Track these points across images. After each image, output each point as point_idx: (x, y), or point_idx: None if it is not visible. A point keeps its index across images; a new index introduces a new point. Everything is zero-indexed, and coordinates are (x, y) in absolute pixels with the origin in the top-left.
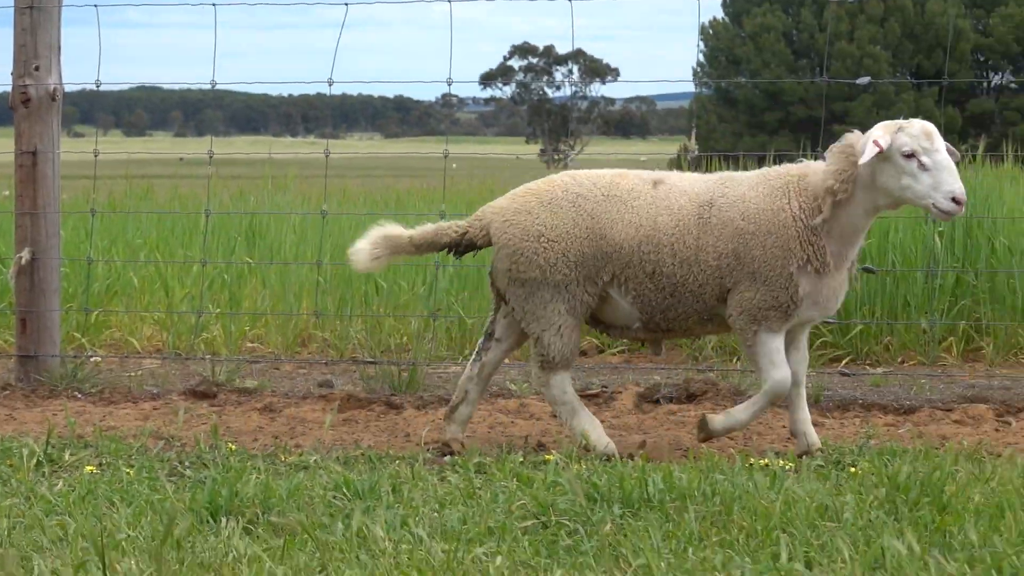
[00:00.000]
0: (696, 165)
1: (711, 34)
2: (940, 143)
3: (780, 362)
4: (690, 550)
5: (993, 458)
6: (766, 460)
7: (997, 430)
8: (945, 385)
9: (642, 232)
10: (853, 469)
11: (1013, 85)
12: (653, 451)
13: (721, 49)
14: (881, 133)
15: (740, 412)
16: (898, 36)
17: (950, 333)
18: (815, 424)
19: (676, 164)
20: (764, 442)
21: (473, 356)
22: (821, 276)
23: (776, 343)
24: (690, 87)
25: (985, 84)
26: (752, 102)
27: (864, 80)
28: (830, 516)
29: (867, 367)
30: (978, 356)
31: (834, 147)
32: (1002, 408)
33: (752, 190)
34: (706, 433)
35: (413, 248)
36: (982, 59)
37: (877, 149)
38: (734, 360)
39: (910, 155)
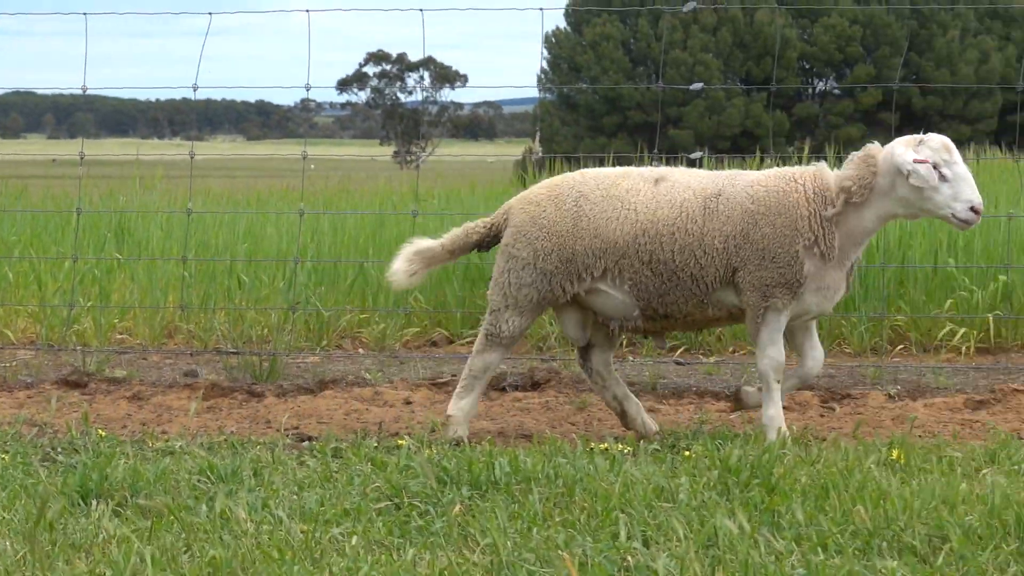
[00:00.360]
0: (540, 166)
1: (554, 43)
2: (958, 155)
3: (777, 340)
4: (535, 530)
5: (818, 442)
6: (606, 444)
7: (822, 415)
8: None
9: (639, 226)
10: (687, 453)
11: (836, 91)
12: None
13: (563, 57)
14: (907, 152)
15: (767, 410)
16: (729, 45)
17: None
18: (650, 411)
19: (522, 165)
20: (604, 427)
21: (587, 376)
22: (825, 261)
23: (779, 322)
24: (534, 92)
25: (810, 90)
26: (592, 107)
27: (697, 86)
28: (666, 497)
29: (701, 357)
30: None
31: (855, 155)
32: (826, 395)
33: (764, 178)
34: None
35: (447, 255)
36: (807, 67)
37: (930, 169)
38: (575, 350)
39: (932, 168)
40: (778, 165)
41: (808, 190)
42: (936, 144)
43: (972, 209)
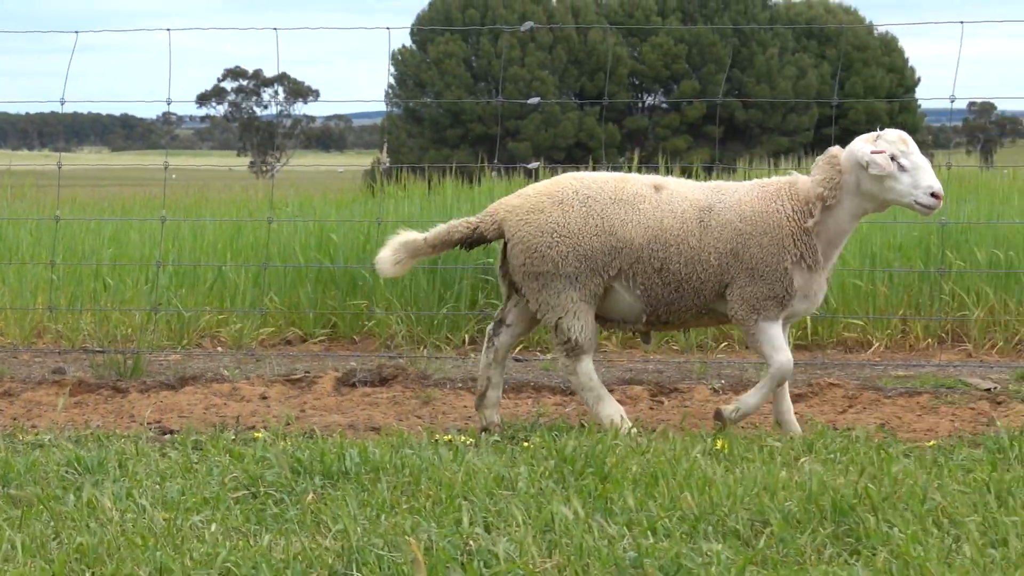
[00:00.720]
0: (388, 176)
1: (400, 60)
2: (914, 146)
3: (781, 346)
4: (383, 516)
5: (648, 433)
6: (449, 436)
7: (651, 408)
8: (606, 369)
9: (651, 232)
10: (526, 443)
11: (664, 105)
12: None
13: (409, 73)
14: (865, 146)
15: (749, 398)
16: (564, 62)
17: None
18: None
19: (370, 175)
20: (448, 420)
21: (486, 344)
22: (812, 272)
23: (775, 329)
24: (382, 107)
25: (640, 104)
26: (437, 120)
27: (534, 100)
28: (506, 485)
29: (538, 354)
30: (635, 343)
31: (820, 160)
32: (655, 389)
33: (748, 195)
34: (722, 423)
35: (429, 248)
36: (637, 82)
37: (889, 160)
38: (421, 348)
39: (890, 159)
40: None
41: (788, 209)
42: (893, 137)
43: (933, 195)
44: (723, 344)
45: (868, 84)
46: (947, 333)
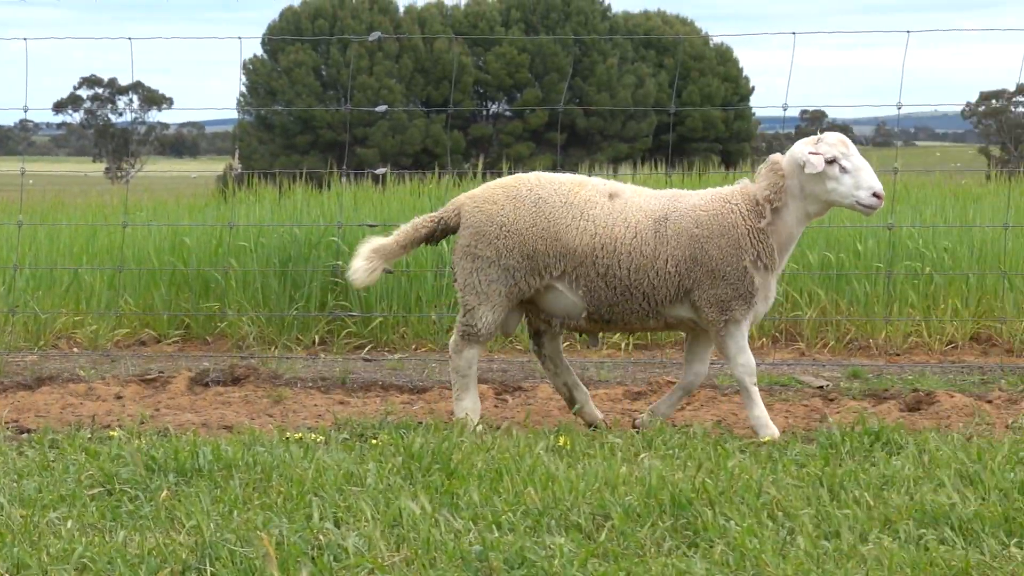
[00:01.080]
0: (240, 181)
1: (251, 69)
2: (854, 148)
3: (745, 347)
4: (235, 512)
5: (493, 430)
6: (300, 434)
7: (496, 406)
8: None
9: (597, 240)
10: (375, 441)
11: (507, 113)
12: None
13: (260, 82)
14: (809, 148)
15: (752, 411)
16: (411, 70)
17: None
18: (340, 403)
19: (223, 180)
20: (299, 419)
21: (540, 361)
22: (768, 272)
23: (742, 331)
24: (234, 114)
25: (484, 112)
26: (287, 127)
27: (382, 108)
28: (355, 481)
29: (387, 353)
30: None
31: (762, 168)
32: (500, 387)
33: (701, 201)
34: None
35: (400, 249)
36: (482, 91)
37: (823, 160)
38: (272, 349)
39: (831, 161)
40: (456, 180)
41: (742, 210)
42: (833, 140)
43: (874, 195)
44: (565, 344)
45: (704, 92)
46: (781, 333)
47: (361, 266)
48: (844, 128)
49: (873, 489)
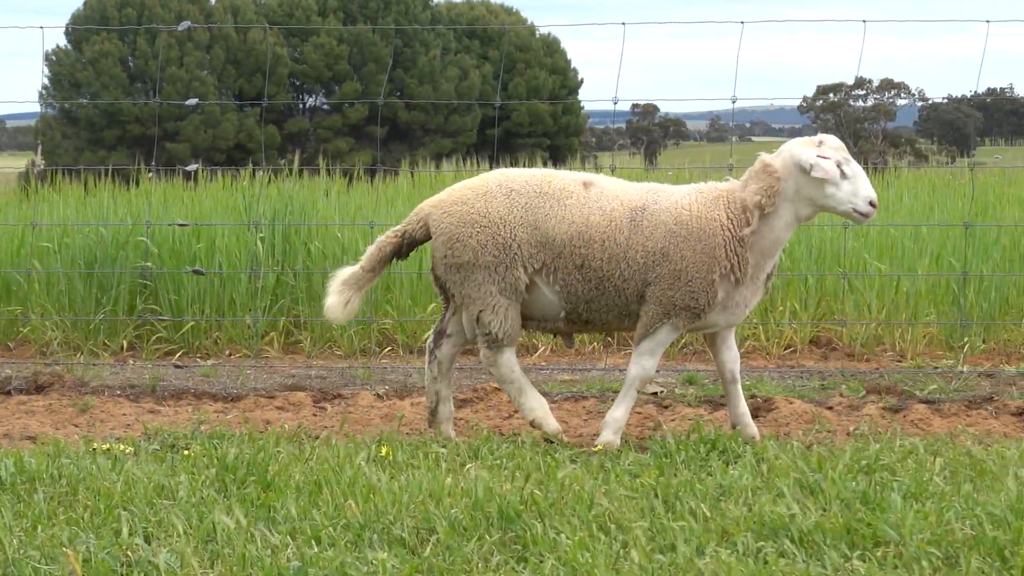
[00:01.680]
0: (43, 178)
1: (54, 60)
2: (850, 154)
3: (658, 354)
4: (40, 528)
5: (311, 440)
6: (108, 445)
7: (315, 415)
8: (268, 375)
9: (574, 228)
10: (187, 452)
11: (325, 107)
12: None
13: (64, 74)
14: (808, 150)
15: (615, 410)
16: (223, 62)
17: (272, 328)
18: (151, 412)
19: (24, 177)
20: (106, 429)
21: (428, 358)
22: (737, 285)
23: (669, 338)
24: (36, 108)
25: (301, 105)
26: (93, 121)
27: (192, 102)
28: (167, 495)
29: (198, 359)
30: (297, 349)
31: (752, 169)
32: (319, 395)
33: (685, 198)
34: (605, 445)
35: (370, 274)
36: (298, 83)
37: (834, 165)
38: (78, 355)
39: (836, 165)
40: (271, 176)
41: (723, 218)
42: (836, 144)
43: (871, 203)
44: (387, 349)
45: (531, 85)
46: (613, 337)
47: (335, 302)
48: (677, 122)
49: (710, 500)
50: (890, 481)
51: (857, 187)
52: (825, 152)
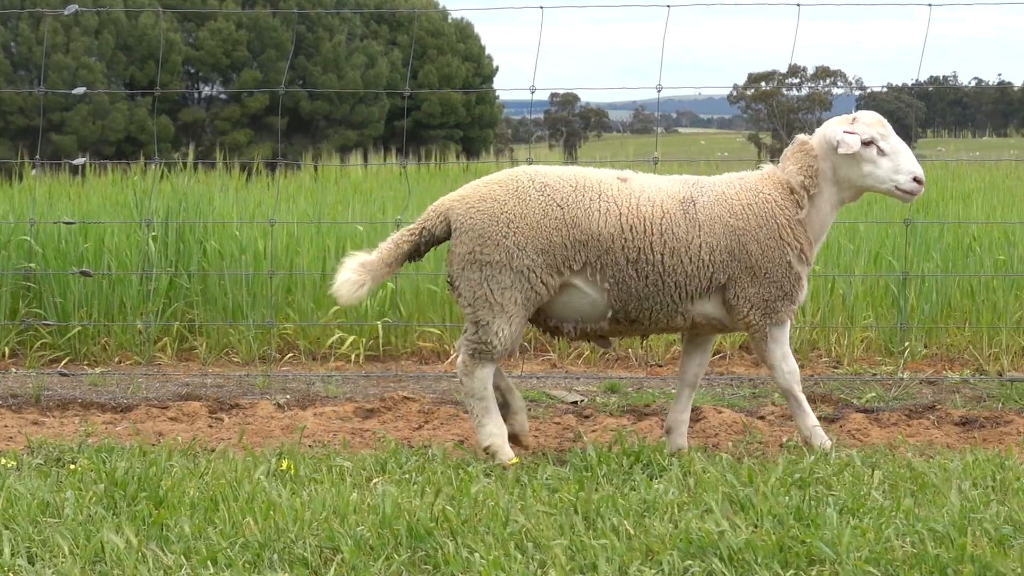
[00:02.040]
0: None
1: None
2: (891, 129)
3: (789, 353)
4: None
5: (207, 453)
6: None
7: (210, 426)
8: (161, 384)
9: (624, 220)
10: (73, 466)
11: (223, 96)
12: None
13: None
14: (838, 127)
15: (804, 421)
16: (112, 48)
17: (165, 333)
18: (34, 424)
19: None
20: None
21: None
22: (805, 268)
23: (786, 333)
24: None
25: (196, 95)
26: None
27: (80, 91)
28: (52, 512)
29: (86, 367)
30: (192, 355)
31: (789, 151)
32: (215, 405)
33: (731, 188)
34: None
35: (386, 268)
36: (193, 71)
37: (859, 140)
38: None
39: (868, 143)
40: (165, 171)
41: (777, 198)
42: (871, 119)
43: (915, 179)
44: (288, 356)
45: (443, 73)
46: (529, 342)
47: (348, 278)
48: (599, 112)
49: (633, 516)
50: (825, 495)
51: (898, 163)
52: (858, 128)
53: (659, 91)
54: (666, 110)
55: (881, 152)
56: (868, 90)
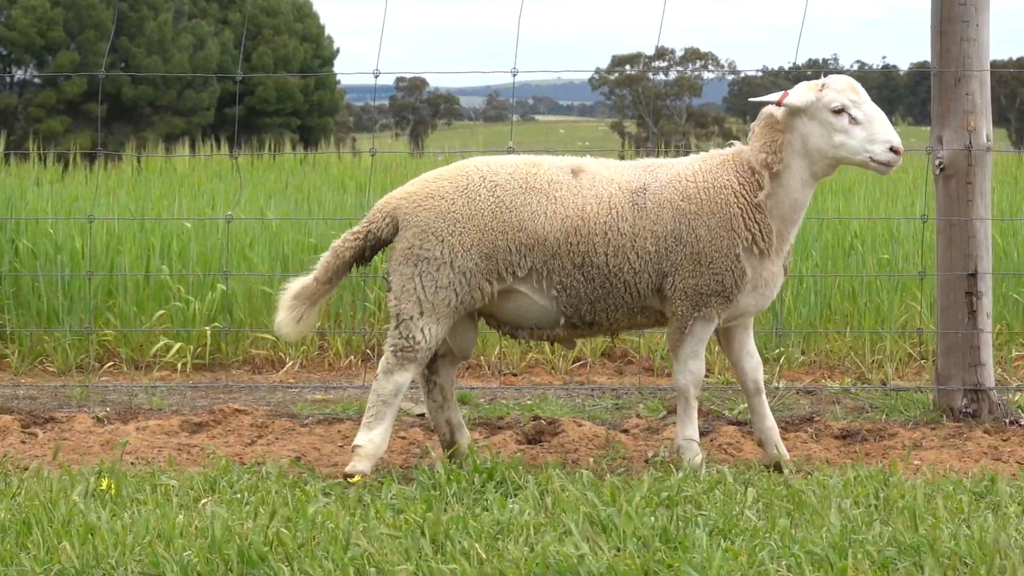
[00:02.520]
0: None
1: None
2: (866, 95)
3: (701, 353)
4: None
5: (19, 472)
6: None
7: (24, 442)
8: None
9: (569, 223)
10: None
11: (37, 80)
12: None
13: None
14: (805, 93)
15: (684, 430)
16: None
17: None
18: None
19: None
20: None
21: (426, 389)
22: (762, 259)
23: (707, 334)
24: None
25: (8, 79)
26: None
27: None
28: None
29: None
30: (3, 364)
31: (755, 125)
32: (28, 418)
33: (687, 169)
34: (677, 463)
35: (325, 285)
36: (5, 53)
37: (806, 94)
38: None
39: (839, 111)
40: None
41: (734, 183)
42: (842, 85)
43: (892, 149)
44: (108, 364)
45: (279, 55)
46: (372, 349)
47: (285, 318)
48: (449, 99)
49: (486, 539)
50: (695, 515)
51: (872, 132)
52: (826, 94)
53: (514, 75)
54: (522, 96)
55: (853, 120)
56: (742, 74)
